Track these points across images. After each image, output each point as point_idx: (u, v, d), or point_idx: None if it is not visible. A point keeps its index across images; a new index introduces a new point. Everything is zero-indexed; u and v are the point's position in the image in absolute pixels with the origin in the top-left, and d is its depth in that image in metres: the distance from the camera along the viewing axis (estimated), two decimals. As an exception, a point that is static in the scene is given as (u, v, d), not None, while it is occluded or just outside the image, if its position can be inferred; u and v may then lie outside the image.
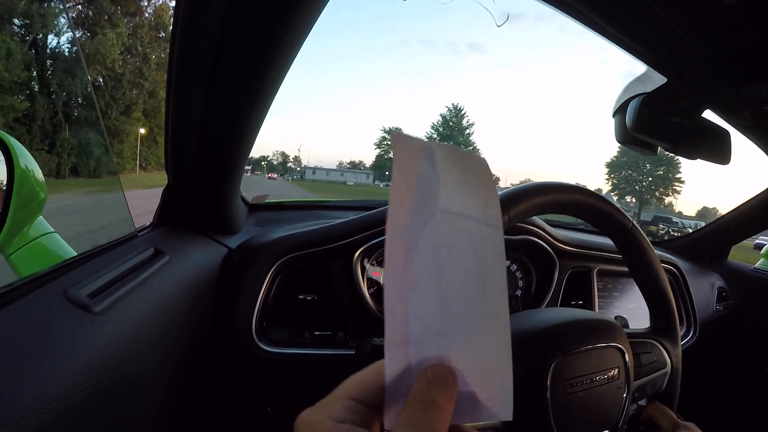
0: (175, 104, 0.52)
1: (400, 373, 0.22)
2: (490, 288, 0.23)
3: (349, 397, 0.24)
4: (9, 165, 0.58)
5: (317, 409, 0.23)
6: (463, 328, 0.22)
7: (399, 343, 0.22)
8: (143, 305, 0.46)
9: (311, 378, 0.73)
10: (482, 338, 0.23)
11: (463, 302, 0.23)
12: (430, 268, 0.22)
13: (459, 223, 0.23)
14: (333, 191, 28.70)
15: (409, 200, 0.22)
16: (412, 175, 0.23)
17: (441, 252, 0.23)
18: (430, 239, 0.22)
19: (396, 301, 0.22)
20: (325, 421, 0.22)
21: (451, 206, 0.23)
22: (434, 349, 0.22)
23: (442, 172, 0.23)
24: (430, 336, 0.22)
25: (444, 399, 0.22)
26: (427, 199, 0.23)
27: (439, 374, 0.22)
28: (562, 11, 0.44)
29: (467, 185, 0.24)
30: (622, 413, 0.48)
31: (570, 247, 0.93)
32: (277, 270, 0.74)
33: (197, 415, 0.63)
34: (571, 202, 0.53)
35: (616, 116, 0.63)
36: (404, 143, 0.23)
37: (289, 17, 0.40)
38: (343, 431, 0.22)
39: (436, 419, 0.21)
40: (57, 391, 0.30)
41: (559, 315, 0.50)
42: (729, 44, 0.46)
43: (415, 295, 0.22)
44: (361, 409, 0.23)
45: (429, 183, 0.23)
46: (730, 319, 1.20)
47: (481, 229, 0.23)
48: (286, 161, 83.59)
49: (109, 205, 6.62)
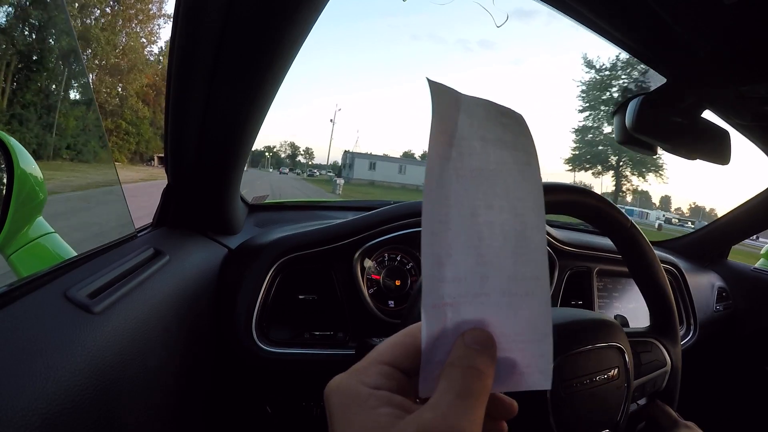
0: (174, 105, 0.52)
1: (437, 336, 0.21)
2: (529, 251, 0.22)
3: (384, 362, 0.22)
4: (9, 166, 0.58)
5: (350, 375, 0.22)
6: (502, 291, 0.21)
7: (436, 305, 0.21)
8: (143, 305, 0.46)
9: (311, 378, 0.73)
10: (521, 303, 0.22)
11: (502, 264, 0.22)
12: (468, 229, 0.21)
13: (498, 181, 0.22)
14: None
15: (447, 156, 0.21)
16: (450, 129, 0.21)
17: (479, 211, 0.21)
18: (468, 198, 0.21)
19: (433, 261, 0.21)
20: (360, 388, 0.21)
21: (490, 164, 0.22)
22: (472, 313, 0.21)
23: (480, 128, 0.22)
24: (468, 299, 0.21)
25: (484, 364, 0.20)
26: (466, 156, 0.21)
27: (478, 338, 0.21)
28: (561, 12, 0.44)
29: (506, 142, 0.22)
30: (623, 412, 0.49)
31: (570, 248, 0.93)
32: (277, 270, 0.74)
33: (197, 415, 0.63)
34: (570, 202, 0.53)
35: (616, 116, 0.63)
36: (442, 94, 0.22)
37: (288, 17, 0.40)
38: (379, 398, 0.20)
39: (476, 385, 0.20)
40: (57, 391, 0.30)
41: (559, 315, 0.50)
42: (729, 44, 0.46)
43: (452, 256, 0.21)
44: (396, 375, 0.22)
45: (467, 139, 0.22)
46: (730, 319, 1.20)
47: (520, 188, 0.22)
48: (295, 153, 73.42)
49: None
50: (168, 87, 0.50)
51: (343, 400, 0.21)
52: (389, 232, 0.79)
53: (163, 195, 0.67)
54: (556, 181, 0.54)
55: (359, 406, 0.20)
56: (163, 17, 28.49)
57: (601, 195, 0.57)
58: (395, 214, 0.81)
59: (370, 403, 0.20)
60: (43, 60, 15.25)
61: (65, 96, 17.19)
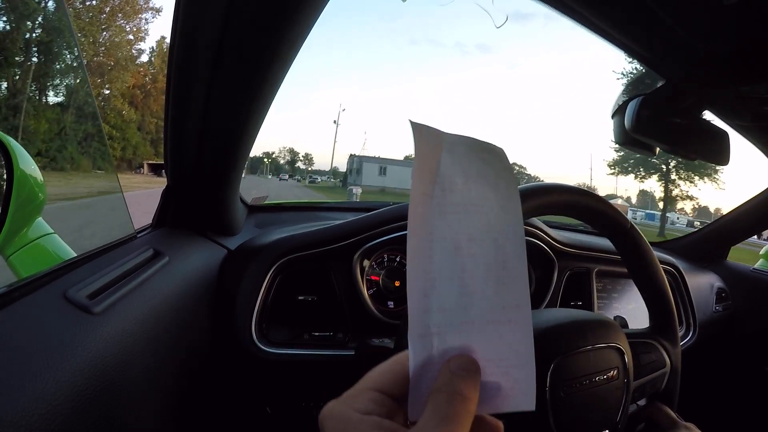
0: (174, 105, 0.52)
1: (424, 364, 0.22)
2: (511, 280, 0.23)
3: (374, 388, 0.24)
4: (8, 166, 0.58)
5: (343, 402, 0.23)
6: (485, 320, 0.23)
7: (422, 335, 0.22)
8: (143, 306, 0.46)
9: (311, 379, 0.73)
10: (504, 330, 0.23)
11: (485, 294, 0.23)
12: (452, 261, 0.22)
13: (479, 215, 0.23)
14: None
15: (430, 194, 0.22)
16: (432, 167, 0.23)
17: (462, 244, 0.23)
18: (451, 232, 0.23)
19: (418, 293, 0.22)
20: (351, 414, 0.22)
21: (472, 199, 0.23)
22: (457, 341, 0.22)
23: (462, 165, 0.23)
24: (453, 328, 0.22)
25: (468, 389, 0.22)
26: (448, 193, 0.23)
27: (463, 365, 0.22)
28: (561, 12, 0.44)
29: (487, 177, 0.24)
30: (622, 413, 0.48)
31: (569, 248, 0.93)
32: (276, 271, 0.74)
33: (197, 415, 0.63)
34: (569, 203, 0.53)
35: (615, 117, 0.63)
36: (424, 134, 0.23)
37: (288, 17, 0.40)
38: (369, 423, 0.22)
39: (461, 409, 0.21)
40: (57, 392, 0.30)
41: (558, 316, 0.50)
42: (729, 44, 0.46)
43: (437, 287, 0.22)
44: (386, 401, 0.23)
45: (449, 176, 0.23)
46: (729, 319, 1.20)
47: (501, 221, 0.23)
48: (294, 159, 71.96)
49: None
50: (168, 87, 0.50)
51: (337, 425, 0.22)
52: (389, 233, 0.79)
53: (162, 196, 0.67)
54: (555, 182, 0.54)
55: (352, 431, 0.22)
56: (151, 11, 26.13)
57: (601, 196, 0.57)
58: (395, 215, 0.81)
59: (361, 428, 0.22)
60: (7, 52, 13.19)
61: (38, 94, 15.10)
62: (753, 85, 0.52)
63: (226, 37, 0.41)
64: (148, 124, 27.38)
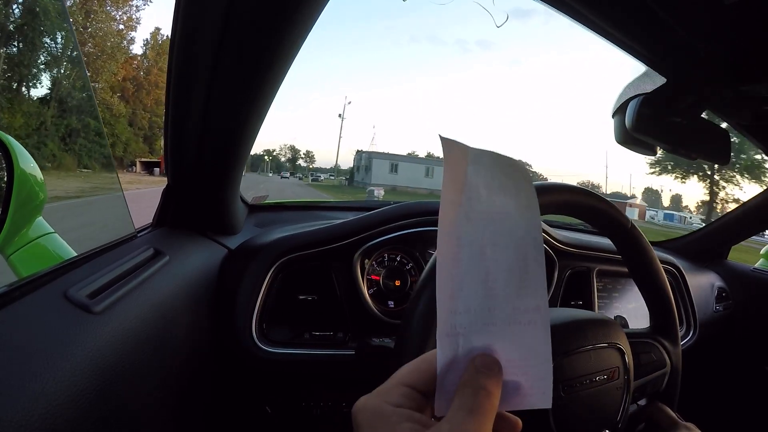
0: (174, 106, 0.52)
1: (450, 362, 0.24)
2: (531, 283, 0.25)
3: (405, 384, 0.25)
4: (9, 166, 0.58)
5: (375, 395, 0.25)
6: (507, 321, 0.24)
7: (449, 335, 0.24)
8: (143, 305, 0.46)
9: (311, 378, 0.73)
10: (525, 331, 0.24)
11: (507, 297, 0.24)
12: (477, 266, 0.24)
13: (502, 223, 0.25)
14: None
15: (458, 202, 0.24)
16: (460, 178, 0.25)
17: (486, 250, 0.24)
18: (477, 238, 0.24)
19: (446, 296, 0.24)
20: (385, 406, 0.24)
21: (495, 207, 0.25)
22: (481, 341, 0.24)
23: (487, 177, 0.25)
24: (477, 328, 0.24)
25: (492, 385, 0.23)
26: (474, 201, 0.25)
27: (487, 363, 0.24)
28: (561, 11, 0.44)
29: (509, 189, 0.26)
30: (622, 413, 0.48)
31: (569, 248, 0.93)
32: (276, 270, 0.74)
33: (197, 415, 0.63)
34: (570, 202, 0.53)
35: (615, 117, 0.62)
36: (453, 148, 0.25)
37: (288, 17, 0.40)
38: (401, 415, 0.24)
39: (486, 402, 0.23)
40: (57, 391, 0.30)
41: (558, 315, 0.50)
42: (729, 44, 0.46)
43: (464, 290, 0.24)
44: (415, 396, 0.25)
45: (476, 187, 0.25)
46: (729, 319, 1.20)
47: (522, 228, 0.25)
48: (295, 157, 71.16)
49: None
50: (168, 87, 0.51)
51: (370, 417, 0.24)
52: (389, 232, 0.79)
53: (163, 195, 0.67)
54: (556, 182, 0.54)
55: (384, 423, 0.23)
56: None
57: (602, 195, 0.57)
58: (395, 214, 0.81)
59: (393, 420, 0.23)
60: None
61: (16, 85, 13.53)
62: (753, 85, 0.52)
63: (226, 37, 0.41)
64: (140, 119, 25.45)
